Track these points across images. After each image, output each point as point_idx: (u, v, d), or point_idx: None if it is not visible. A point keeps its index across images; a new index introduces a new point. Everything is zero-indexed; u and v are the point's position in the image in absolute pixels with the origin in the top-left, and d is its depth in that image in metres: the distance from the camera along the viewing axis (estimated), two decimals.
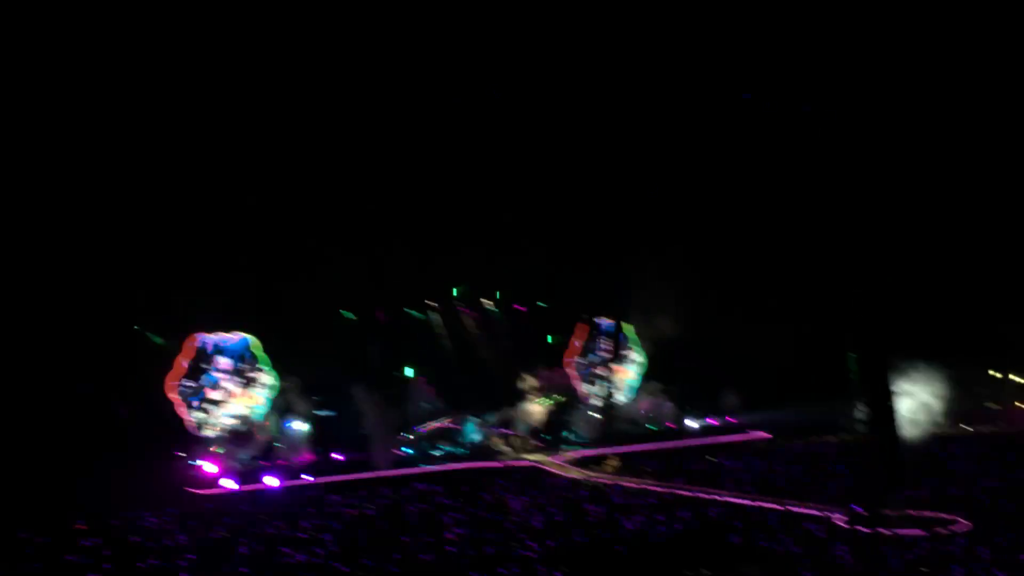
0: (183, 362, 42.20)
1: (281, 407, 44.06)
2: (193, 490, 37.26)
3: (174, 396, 41.80)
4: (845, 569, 21.85)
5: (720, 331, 47.55)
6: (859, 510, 26.95)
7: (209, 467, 40.88)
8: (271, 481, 37.92)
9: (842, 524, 26.99)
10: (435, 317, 50.17)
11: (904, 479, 29.81)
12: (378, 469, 41.49)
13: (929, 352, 39.97)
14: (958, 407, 42.47)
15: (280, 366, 44.04)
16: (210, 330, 43.11)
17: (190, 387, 42.35)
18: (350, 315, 45.40)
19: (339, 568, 23.75)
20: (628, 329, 53.58)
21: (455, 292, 50.42)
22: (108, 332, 39.41)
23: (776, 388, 45.43)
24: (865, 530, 25.59)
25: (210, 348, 42.96)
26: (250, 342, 43.77)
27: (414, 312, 49.02)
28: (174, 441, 41.48)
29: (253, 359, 43.73)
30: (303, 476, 39.67)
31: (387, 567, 23.73)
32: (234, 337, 43.64)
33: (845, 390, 38.58)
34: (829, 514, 28.07)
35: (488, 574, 22.54)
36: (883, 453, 33.18)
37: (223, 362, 43.15)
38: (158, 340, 42.10)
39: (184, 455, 41.40)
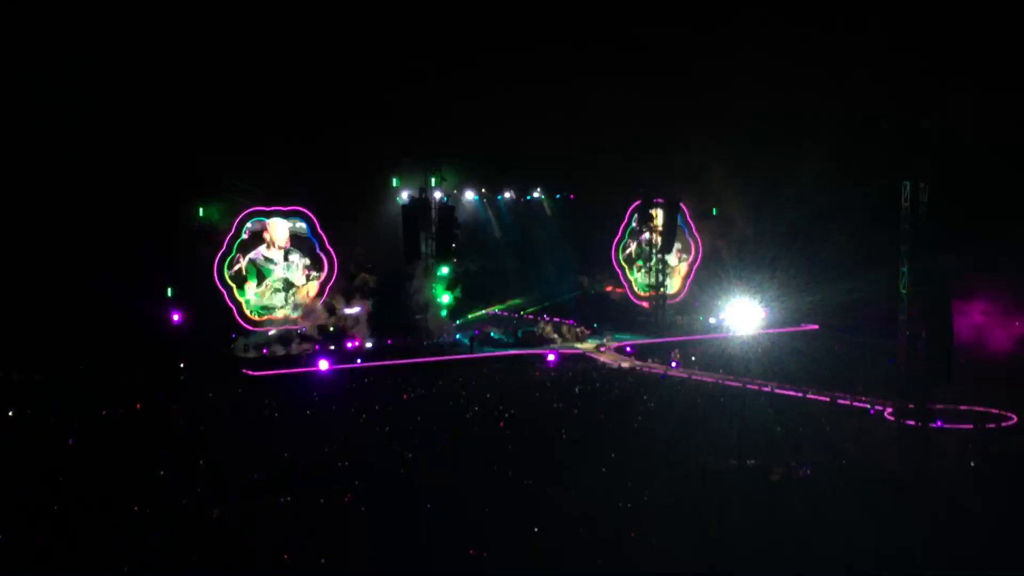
0: (233, 241, 41.69)
1: (335, 290, 44.26)
2: (247, 372, 37.74)
3: (223, 276, 41.51)
4: (891, 461, 22.04)
5: (776, 221, 47.21)
6: (907, 403, 26.98)
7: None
8: (322, 365, 38.49)
9: (889, 417, 27.17)
10: (486, 203, 50.04)
11: (955, 373, 29.60)
12: (430, 354, 42.12)
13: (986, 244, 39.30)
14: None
15: (335, 247, 44.09)
16: (262, 206, 42.34)
17: (241, 267, 42.01)
18: (402, 201, 45.28)
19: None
20: (682, 217, 53.22)
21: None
22: (152, 207, 38.29)
23: (830, 281, 45.00)
24: (912, 423, 25.69)
25: (262, 226, 42.48)
26: (305, 220, 43.43)
27: (466, 199, 48.81)
28: (225, 323, 41.48)
29: (308, 238, 43.67)
30: (357, 360, 40.31)
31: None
32: (286, 214, 43.06)
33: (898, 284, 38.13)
34: (877, 407, 28.26)
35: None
36: (934, 346, 32.85)
37: (276, 241, 42.85)
38: (213, 217, 41.34)
39: (236, 338, 41.75)
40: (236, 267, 41.75)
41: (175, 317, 39.70)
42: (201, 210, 40.83)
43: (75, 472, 21.74)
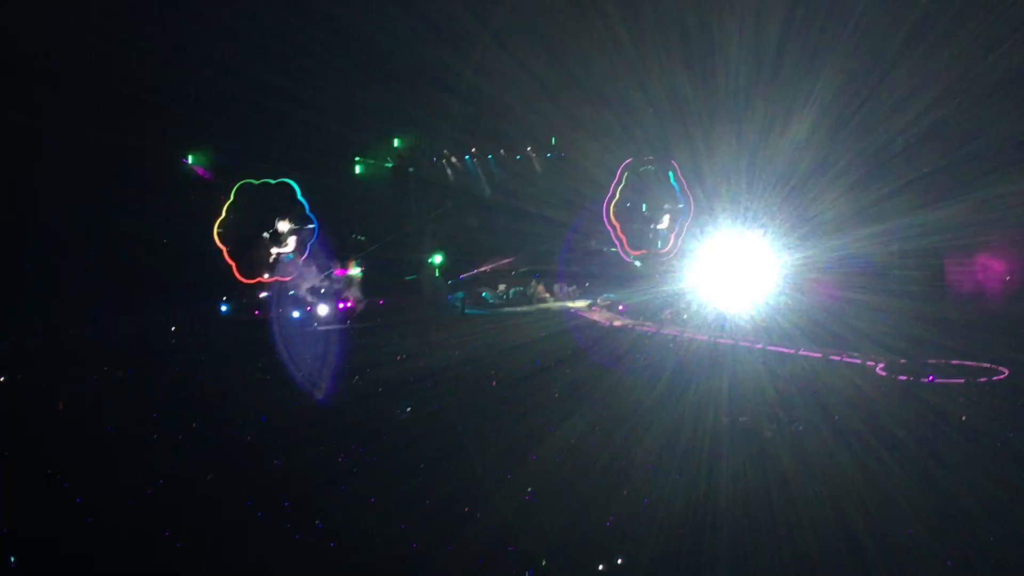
0: (231, 208, 42.31)
1: (327, 253, 44.22)
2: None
3: (222, 243, 41.95)
4: (884, 416, 22.04)
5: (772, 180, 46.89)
6: (900, 359, 27.02)
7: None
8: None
9: (881, 372, 27.18)
10: (475, 163, 49.69)
11: (947, 329, 29.68)
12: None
13: None
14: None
15: (325, 212, 43.98)
16: (255, 175, 42.79)
17: (238, 233, 42.55)
18: (389, 164, 45.07)
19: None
20: (674, 175, 52.86)
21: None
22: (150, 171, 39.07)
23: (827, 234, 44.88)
24: (904, 378, 25.72)
25: (256, 194, 42.84)
26: (295, 186, 43.52)
27: (456, 158, 48.48)
28: (222, 286, 41.96)
29: (299, 204, 43.66)
30: (348, 322, 40.49)
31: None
32: (279, 183, 43.37)
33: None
34: (868, 362, 28.27)
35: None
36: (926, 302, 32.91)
37: (271, 208, 43.25)
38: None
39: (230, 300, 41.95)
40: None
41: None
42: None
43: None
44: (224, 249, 42.08)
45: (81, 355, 31.93)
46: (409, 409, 23.09)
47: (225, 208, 42.21)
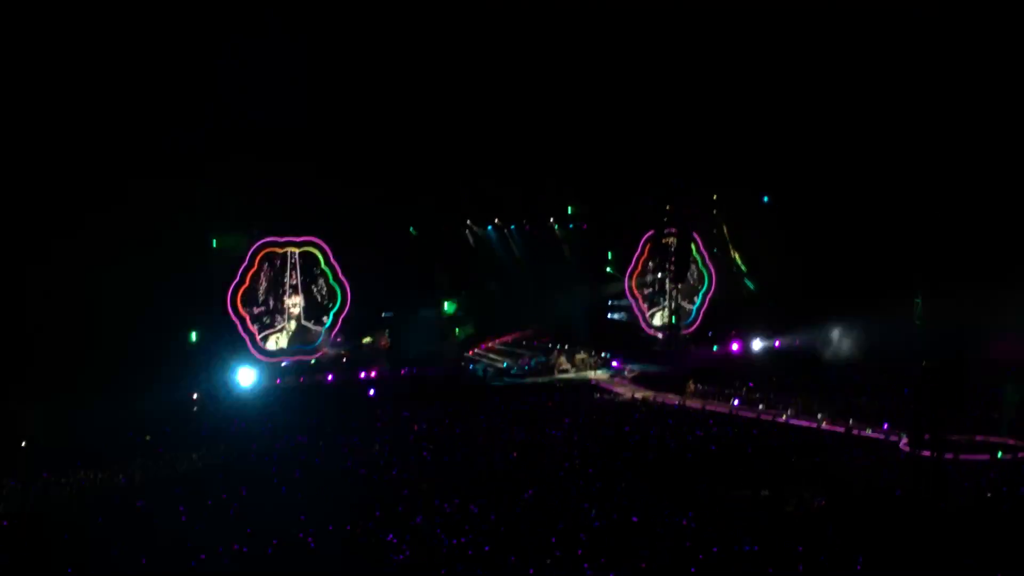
0: (250, 273, 41.60)
1: (347, 321, 44.29)
2: None
3: (242, 309, 41.40)
4: (907, 493, 21.91)
5: (785, 251, 47.26)
6: (923, 435, 26.88)
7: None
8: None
9: (905, 448, 27.04)
10: (496, 234, 50.01)
11: (969, 404, 29.54)
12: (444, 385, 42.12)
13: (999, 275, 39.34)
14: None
15: (348, 278, 44.12)
16: (276, 239, 42.30)
17: (260, 299, 41.97)
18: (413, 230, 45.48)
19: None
20: (695, 248, 53.16)
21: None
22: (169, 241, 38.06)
23: (842, 310, 44.93)
24: (928, 454, 25.58)
25: (277, 260, 42.41)
26: (318, 252, 43.45)
27: (477, 228, 48.91)
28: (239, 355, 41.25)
29: (320, 270, 43.69)
30: (369, 391, 40.45)
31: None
32: (300, 241, 42.99)
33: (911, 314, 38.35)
34: (892, 438, 28.13)
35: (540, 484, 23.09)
36: (948, 377, 32.79)
37: (292, 274, 42.78)
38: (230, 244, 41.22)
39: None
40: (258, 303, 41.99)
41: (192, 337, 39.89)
42: (216, 240, 40.69)
43: None
44: (240, 320, 41.26)
45: None
46: None
47: (240, 272, 41.26)
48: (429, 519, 20.08)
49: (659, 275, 52.35)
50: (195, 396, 37.73)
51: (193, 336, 39.81)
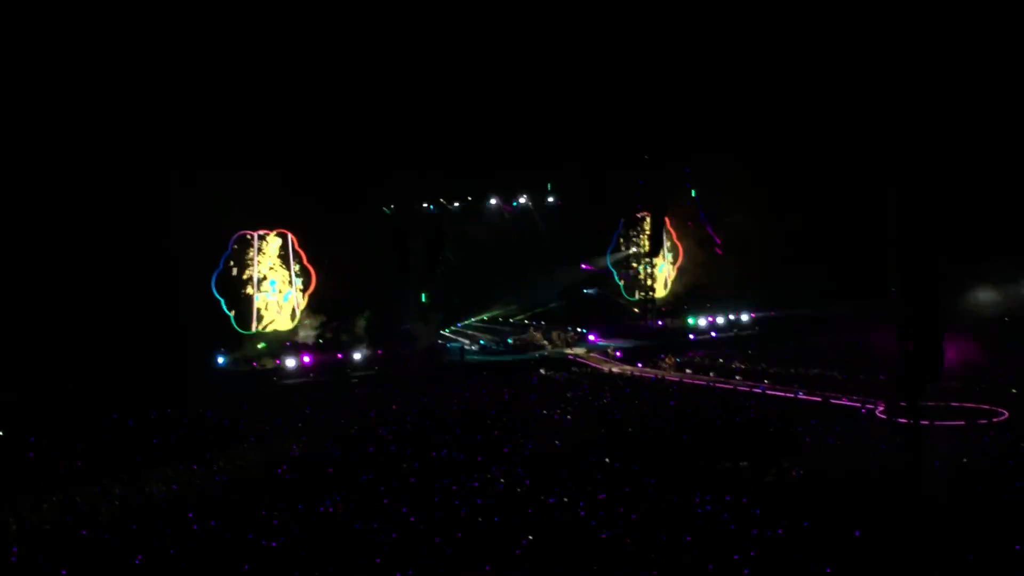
0: (229, 259, 42.53)
1: (324, 304, 44.23)
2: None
3: (222, 293, 42.09)
4: (884, 460, 22.05)
5: (764, 226, 47.51)
6: (899, 401, 27.06)
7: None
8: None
9: (881, 415, 27.23)
10: (473, 213, 49.89)
11: (945, 371, 29.76)
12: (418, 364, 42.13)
13: (978, 246, 39.73)
14: (1006, 302, 42.44)
15: (321, 262, 44.14)
16: (251, 227, 42.93)
17: (240, 283, 42.70)
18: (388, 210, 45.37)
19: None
20: (667, 225, 53.40)
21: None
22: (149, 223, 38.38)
23: (818, 282, 45.31)
24: (904, 421, 25.76)
25: (253, 244, 42.98)
26: (290, 237, 43.74)
27: (452, 207, 48.75)
28: (218, 338, 41.76)
29: (294, 254, 43.73)
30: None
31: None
32: (274, 232, 43.61)
33: (888, 282, 38.46)
34: (868, 405, 28.32)
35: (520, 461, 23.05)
36: (925, 344, 33.03)
37: (267, 259, 43.40)
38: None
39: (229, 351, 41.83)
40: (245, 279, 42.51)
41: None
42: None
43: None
44: (222, 300, 42.22)
45: None
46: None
47: (223, 259, 42.41)
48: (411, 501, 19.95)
49: (633, 251, 52.67)
50: None
51: None
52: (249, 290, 42.81)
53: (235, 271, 42.67)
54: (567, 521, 18.04)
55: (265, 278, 43.27)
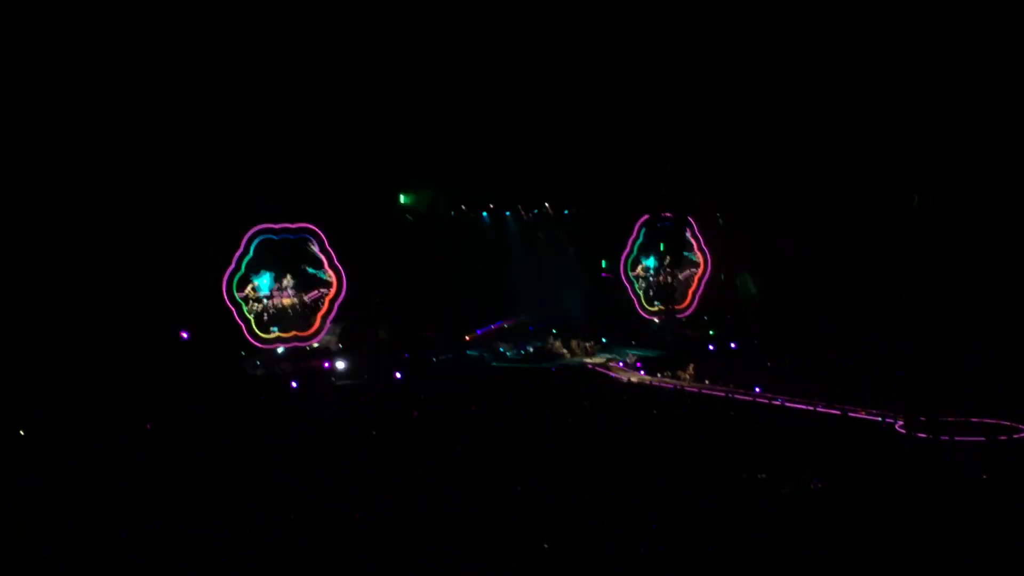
0: (243, 259, 41.65)
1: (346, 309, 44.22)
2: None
3: (233, 294, 41.34)
4: (903, 475, 21.94)
5: (777, 236, 47.43)
6: (919, 417, 26.90)
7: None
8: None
9: (900, 430, 27.07)
10: (491, 218, 49.91)
11: (966, 385, 29.57)
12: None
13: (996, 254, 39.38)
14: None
15: (344, 265, 44.05)
16: (272, 220, 42.21)
17: (251, 285, 41.90)
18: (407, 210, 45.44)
19: None
20: (691, 231, 53.30)
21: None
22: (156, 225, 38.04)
23: (834, 292, 45.15)
24: (924, 436, 25.60)
25: (271, 242, 42.42)
26: (312, 236, 43.32)
27: (470, 212, 48.81)
28: (231, 343, 41.31)
29: (315, 255, 43.55)
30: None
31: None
32: (295, 228, 42.93)
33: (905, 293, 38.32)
34: (888, 420, 28.15)
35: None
36: (945, 358, 32.87)
37: (285, 259, 42.80)
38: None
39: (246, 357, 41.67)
40: (248, 287, 41.69)
41: (183, 335, 39.42)
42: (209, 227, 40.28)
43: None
44: (236, 306, 41.39)
45: None
46: None
47: (236, 259, 41.50)
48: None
49: (654, 259, 52.51)
50: None
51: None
52: (268, 292, 42.18)
53: (250, 273, 41.81)
54: (579, 526, 18.09)
55: (287, 279, 42.68)
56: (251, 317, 41.75)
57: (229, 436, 28.66)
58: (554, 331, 48.91)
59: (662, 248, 52.28)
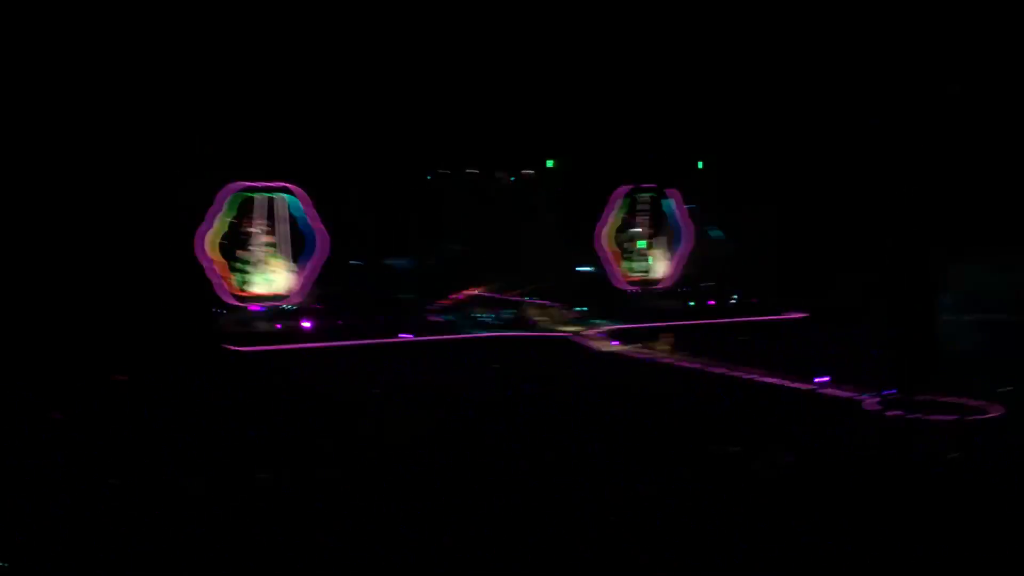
0: (218, 216, 40.66)
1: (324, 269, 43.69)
2: (230, 347, 37.56)
3: (209, 254, 40.51)
4: (875, 452, 22.01)
5: (762, 211, 47.37)
6: (891, 394, 26.98)
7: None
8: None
9: (873, 408, 27.15)
10: (471, 182, 49.37)
11: (938, 365, 29.68)
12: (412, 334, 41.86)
13: (974, 236, 39.48)
14: (1002, 294, 42.13)
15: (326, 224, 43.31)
16: (247, 179, 41.36)
17: (226, 244, 41.05)
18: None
19: None
20: (669, 202, 52.99)
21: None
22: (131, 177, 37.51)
23: (816, 269, 45.22)
24: (896, 414, 25.69)
25: (249, 200, 41.57)
26: (291, 193, 42.45)
27: (454, 177, 48.30)
28: (207, 299, 40.75)
29: (293, 212, 42.86)
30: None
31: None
32: (274, 187, 42.00)
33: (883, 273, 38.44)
34: (860, 397, 28.22)
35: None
36: (918, 337, 32.99)
37: (261, 216, 41.89)
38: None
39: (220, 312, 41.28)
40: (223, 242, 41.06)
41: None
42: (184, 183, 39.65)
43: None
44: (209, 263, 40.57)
45: None
46: None
47: (218, 219, 40.65)
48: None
49: (633, 230, 52.20)
50: None
51: None
52: (243, 251, 41.58)
53: (228, 229, 41.01)
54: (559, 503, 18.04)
55: (262, 238, 42.04)
56: (230, 276, 41.10)
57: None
58: (529, 298, 48.65)
59: (642, 219, 51.89)
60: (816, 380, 29.96)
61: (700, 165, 51.53)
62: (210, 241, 40.44)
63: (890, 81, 39.78)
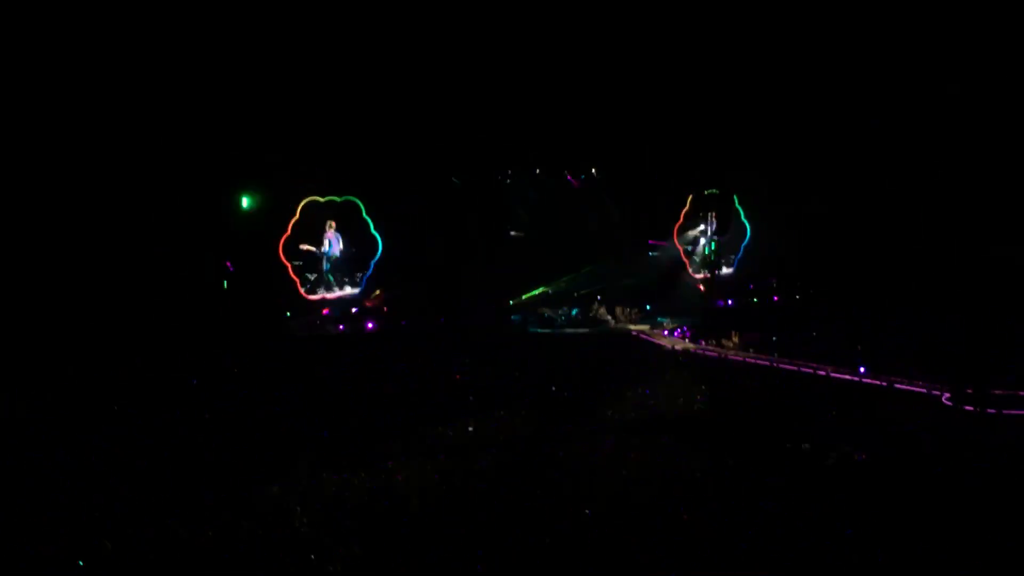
0: (297, 226, 41.99)
1: (385, 270, 44.55)
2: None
3: (284, 260, 41.78)
4: (950, 448, 21.90)
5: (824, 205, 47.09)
6: (966, 389, 26.73)
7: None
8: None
9: (948, 403, 26.93)
10: (538, 185, 49.65)
11: (1015, 358, 29.30)
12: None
13: None
14: None
15: (383, 229, 44.30)
16: (318, 192, 42.62)
17: (307, 250, 42.52)
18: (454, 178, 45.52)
19: None
20: (737, 203, 53.02)
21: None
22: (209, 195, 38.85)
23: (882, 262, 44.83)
24: (972, 409, 25.47)
25: (321, 211, 42.82)
26: (358, 204, 43.70)
27: (517, 178, 48.62)
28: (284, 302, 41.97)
29: (361, 221, 43.89)
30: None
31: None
32: (340, 200, 43.37)
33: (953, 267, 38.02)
34: (935, 392, 28.00)
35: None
36: (993, 330, 32.58)
37: (334, 225, 43.25)
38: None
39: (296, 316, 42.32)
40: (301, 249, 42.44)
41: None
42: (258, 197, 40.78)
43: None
44: (288, 266, 42.04)
45: None
46: None
47: (291, 226, 41.99)
48: None
49: (701, 228, 52.33)
50: None
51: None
52: (316, 256, 42.92)
53: (300, 237, 42.39)
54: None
55: (330, 244, 43.35)
56: (297, 278, 42.36)
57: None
58: (599, 297, 48.88)
59: (708, 217, 51.98)
60: (887, 376, 29.82)
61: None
62: (285, 247, 41.84)
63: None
